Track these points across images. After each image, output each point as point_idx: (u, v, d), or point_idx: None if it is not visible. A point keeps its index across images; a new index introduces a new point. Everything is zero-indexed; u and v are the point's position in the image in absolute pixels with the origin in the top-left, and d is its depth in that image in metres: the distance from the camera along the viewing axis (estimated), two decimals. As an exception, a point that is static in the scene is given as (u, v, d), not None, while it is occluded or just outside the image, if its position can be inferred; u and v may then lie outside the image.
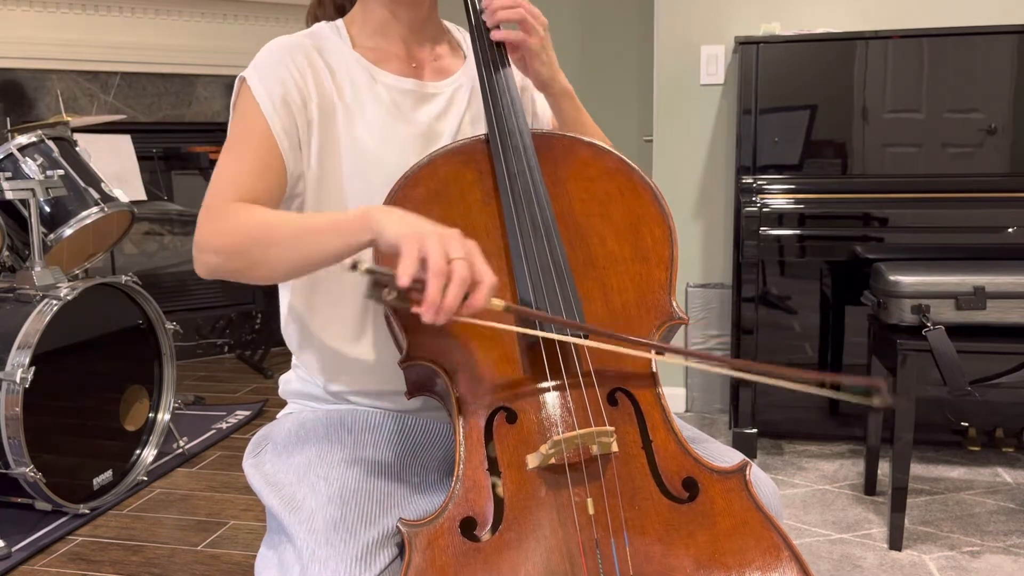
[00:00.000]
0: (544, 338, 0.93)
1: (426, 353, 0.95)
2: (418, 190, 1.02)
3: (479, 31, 1.12)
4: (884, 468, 2.48)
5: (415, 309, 0.82)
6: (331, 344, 1.12)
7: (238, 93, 1.07)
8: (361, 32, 1.14)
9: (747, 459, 0.99)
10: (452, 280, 0.82)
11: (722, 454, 1.07)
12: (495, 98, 1.08)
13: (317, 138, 1.07)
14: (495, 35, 1.11)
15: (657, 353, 0.99)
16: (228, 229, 0.97)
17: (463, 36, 1.25)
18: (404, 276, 0.81)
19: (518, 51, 1.12)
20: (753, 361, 2.65)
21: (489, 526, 0.87)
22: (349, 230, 0.90)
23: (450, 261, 0.82)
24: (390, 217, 0.88)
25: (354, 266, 0.83)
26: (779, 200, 2.60)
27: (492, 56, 1.10)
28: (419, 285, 0.82)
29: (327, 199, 1.08)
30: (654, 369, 0.99)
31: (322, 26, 1.14)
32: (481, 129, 1.16)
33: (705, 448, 1.06)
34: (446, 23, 1.23)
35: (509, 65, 1.11)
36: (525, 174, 1.03)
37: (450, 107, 1.15)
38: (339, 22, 1.15)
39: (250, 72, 1.06)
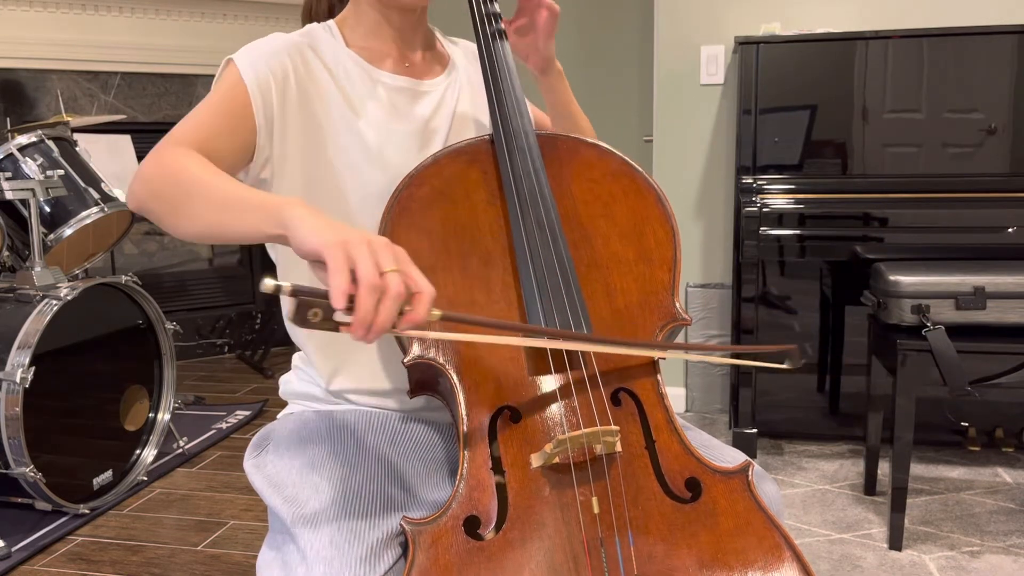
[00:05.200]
0: (550, 347, 0.93)
1: (430, 352, 0.95)
2: (423, 189, 1.03)
3: (486, 29, 1.12)
4: (884, 468, 2.48)
5: (344, 330, 0.75)
6: (338, 340, 1.12)
7: (222, 70, 1.06)
8: (354, 32, 1.15)
9: (749, 459, 0.99)
10: (386, 295, 0.74)
11: (722, 453, 1.07)
12: (500, 98, 1.08)
13: (301, 133, 1.06)
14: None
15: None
16: (165, 166, 0.93)
17: (449, 42, 1.26)
18: (338, 297, 0.72)
19: (535, 29, 1.14)
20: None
21: (493, 525, 0.87)
22: (264, 216, 0.84)
23: (382, 273, 0.75)
24: (308, 219, 0.80)
25: (277, 289, 0.73)
26: (779, 200, 2.61)
27: (497, 55, 1.11)
28: (349, 301, 0.74)
29: (322, 196, 1.08)
30: (658, 368, 0.99)
31: (314, 26, 1.15)
32: (475, 126, 1.17)
33: (706, 449, 1.06)
34: (433, 28, 1.24)
35: (514, 66, 1.12)
36: (531, 175, 1.03)
37: (443, 104, 1.16)
38: (331, 23, 1.16)
39: (238, 54, 1.05)
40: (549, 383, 0.95)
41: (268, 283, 0.73)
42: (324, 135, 1.08)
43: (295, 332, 1.16)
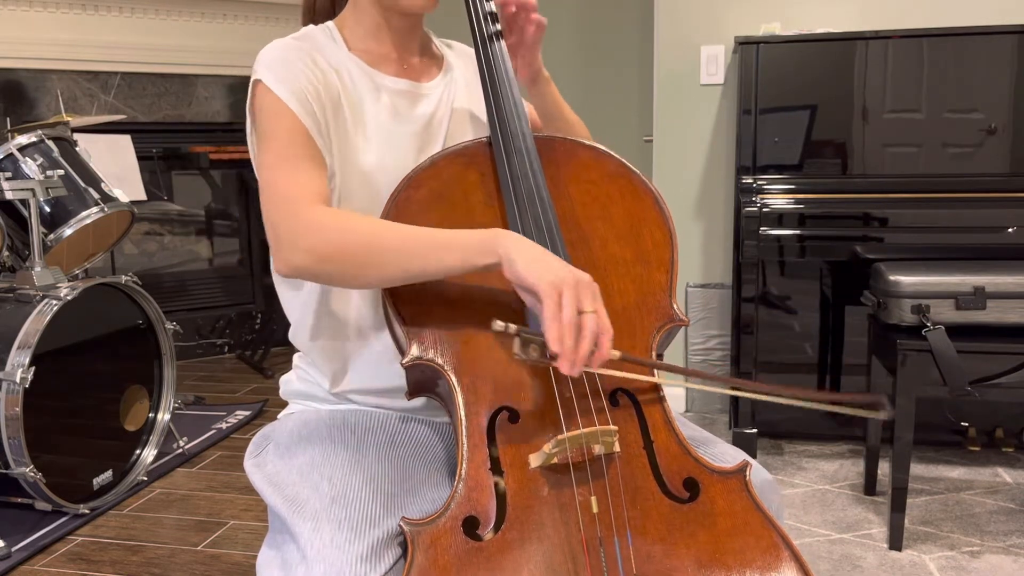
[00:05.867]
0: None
1: (429, 353, 0.95)
2: (421, 191, 1.03)
3: (483, 31, 1.12)
4: (884, 468, 2.48)
5: (554, 364, 0.86)
6: (338, 341, 1.12)
7: (255, 95, 1.05)
8: (353, 34, 1.15)
9: (748, 459, 0.99)
10: (582, 333, 0.86)
11: (722, 452, 1.07)
12: (498, 100, 1.08)
13: (336, 137, 1.07)
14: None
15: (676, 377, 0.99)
16: (331, 230, 0.94)
17: (444, 45, 1.26)
18: (556, 341, 0.85)
19: (524, 40, 1.13)
20: (752, 377, 2.66)
21: (491, 525, 0.88)
22: (473, 249, 0.91)
23: (581, 313, 0.86)
24: (522, 249, 0.89)
25: (506, 330, 0.87)
26: (779, 200, 2.60)
27: (495, 59, 1.11)
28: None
29: (338, 199, 1.08)
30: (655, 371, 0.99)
31: (312, 30, 1.15)
32: (473, 128, 1.17)
33: (709, 451, 1.06)
34: (428, 31, 1.24)
35: (512, 68, 1.12)
36: (528, 176, 1.03)
37: (441, 106, 1.16)
38: (330, 24, 1.15)
39: (264, 73, 1.04)
40: (547, 384, 0.95)
41: (498, 324, 0.88)
42: (342, 138, 1.08)
43: (298, 336, 1.16)
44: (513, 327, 0.87)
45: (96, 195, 2.68)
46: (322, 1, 1.24)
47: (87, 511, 2.39)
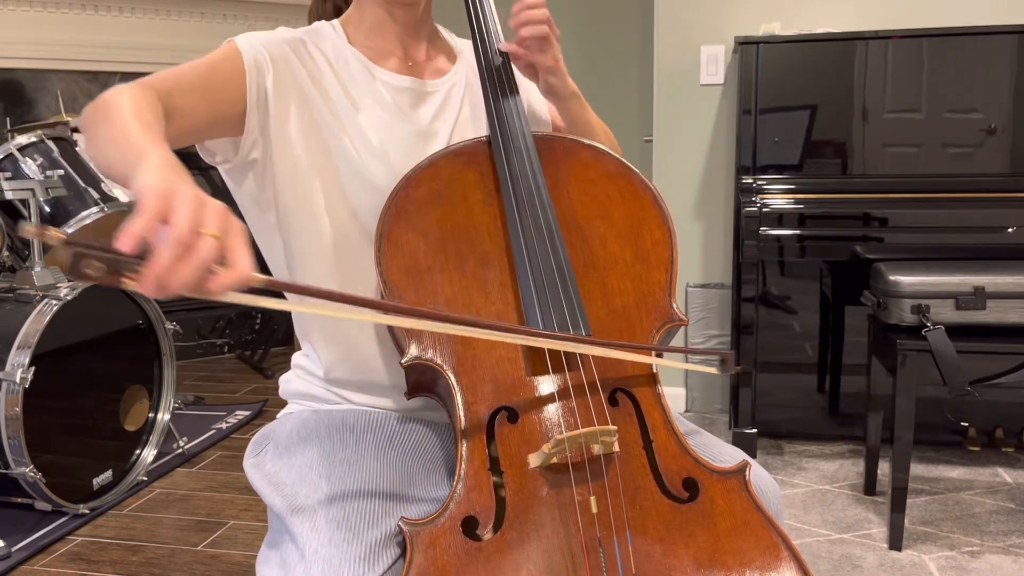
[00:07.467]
0: (548, 347, 0.93)
1: (428, 353, 0.95)
2: (420, 191, 1.03)
3: (482, 34, 1.12)
4: (884, 468, 2.48)
5: (128, 283, 0.64)
6: (337, 339, 1.12)
7: (219, 50, 1.05)
8: (357, 31, 1.15)
9: (748, 459, 0.99)
10: (191, 256, 0.64)
11: (722, 452, 1.07)
12: (497, 99, 1.08)
13: (299, 122, 1.06)
14: (508, 48, 1.10)
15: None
16: (107, 94, 0.88)
17: (455, 39, 1.25)
18: (126, 238, 0.62)
19: (529, 64, 1.11)
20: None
21: (491, 525, 0.87)
22: (131, 158, 0.76)
23: (199, 234, 0.65)
24: (151, 163, 0.72)
25: (42, 233, 0.62)
26: (779, 200, 2.60)
27: (494, 57, 1.11)
28: (140, 258, 0.63)
29: (326, 189, 1.08)
30: (654, 370, 0.99)
31: (320, 23, 1.16)
32: (475, 128, 1.17)
33: (709, 451, 1.06)
34: (438, 26, 1.24)
35: (511, 66, 1.12)
36: (527, 175, 1.03)
37: (446, 105, 1.16)
38: (335, 21, 1.16)
39: (239, 36, 1.06)
40: (547, 384, 0.95)
41: (29, 228, 0.64)
42: (325, 127, 1.07)
43: (299, 320, 1.16)
44: (55, 230, 0.62)
45: (96, 195, 2.68)
46: (325, 4, 1.24)
47: (87, 511, 2.39)
